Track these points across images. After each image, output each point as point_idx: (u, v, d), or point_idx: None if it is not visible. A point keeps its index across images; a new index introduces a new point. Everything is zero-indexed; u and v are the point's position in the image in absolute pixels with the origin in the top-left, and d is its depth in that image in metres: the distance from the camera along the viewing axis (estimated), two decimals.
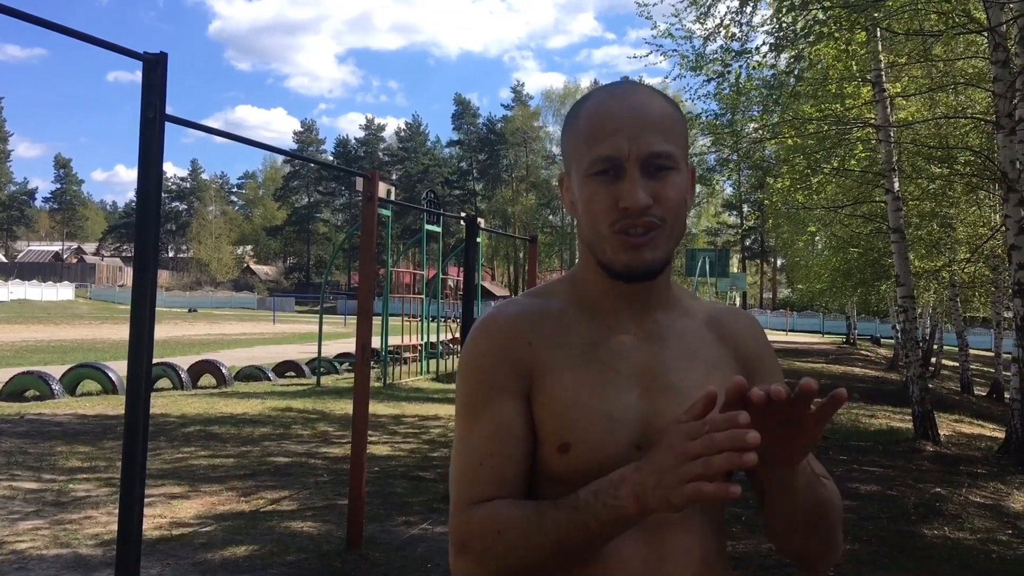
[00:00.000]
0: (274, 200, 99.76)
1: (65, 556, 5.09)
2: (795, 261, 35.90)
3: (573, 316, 1.23)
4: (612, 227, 1.15)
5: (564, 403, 1.17)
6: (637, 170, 1.14)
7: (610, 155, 1.14)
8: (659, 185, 1.15)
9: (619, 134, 1.14)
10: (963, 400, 18.23)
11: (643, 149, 1.14)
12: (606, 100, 1.19)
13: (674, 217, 1.17)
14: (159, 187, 3.53)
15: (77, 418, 10.37)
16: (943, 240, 16.87)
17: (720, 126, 12.71)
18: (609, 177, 1.15)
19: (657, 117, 1.16)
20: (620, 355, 1.20)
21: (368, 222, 5.23)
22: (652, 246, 1.15)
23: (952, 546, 5.90)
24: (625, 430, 1.16)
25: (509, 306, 1.27)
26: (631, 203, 1.13)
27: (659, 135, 1.15)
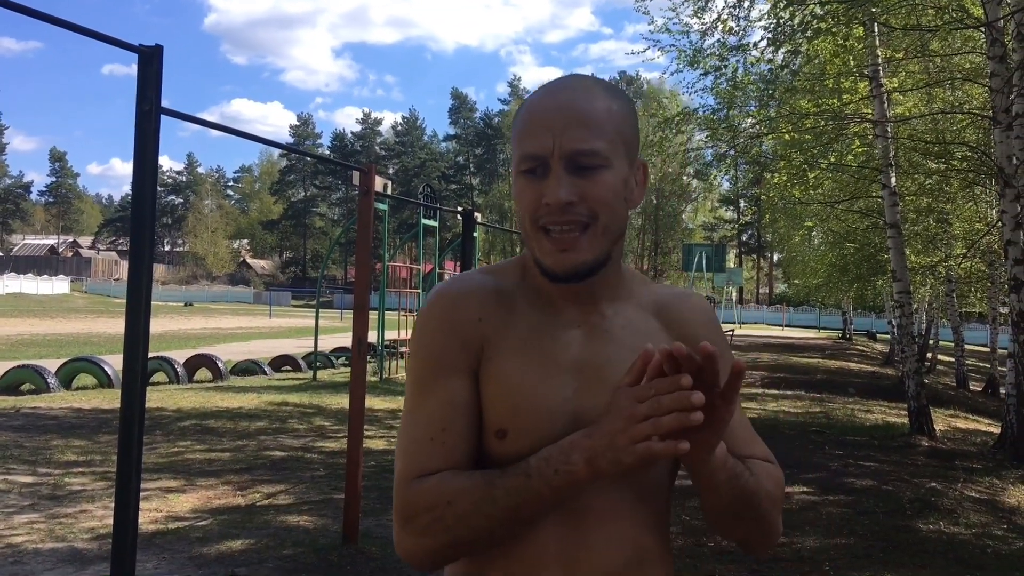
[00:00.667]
0: (270, 194, 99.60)
1: (61, 550, 5.08)
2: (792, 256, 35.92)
3: (521, 300, 1.24)
4: (536, 224, 1.15)
5: (505, 389, 1.18)
6: (562, 167, 1.13)
7: (535, 153, 1.14)
8: (586, 183, 1.13)
9: (545, 132, 1.14)
10: (959, 395, 18.27)
11: (567, 147, 1.13)
12: (541, 97, 1.18)
13: (605, 214, 1.15)
14: (155, 180, 3.52)
15: (73, 412, 10.35)
16: (939, 235, 16.89)
17: (717, 121, 12.70)
18: (536, 175, 1.15)
19: (588, 113, 1.14)
20: (562, 347, 1.20)
21: (364, 216, 5.22)
22: (577, 248, 1.14)
23: (947, 541, 5.91)
24: (560, 423, 1.16)
25: (461, 281, 1.27)
26: (552, 200, 1.12)
27: (587, 131, 1.13)
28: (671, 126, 12.20)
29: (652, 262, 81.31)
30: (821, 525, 6.18)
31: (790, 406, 13.36)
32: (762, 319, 61.89)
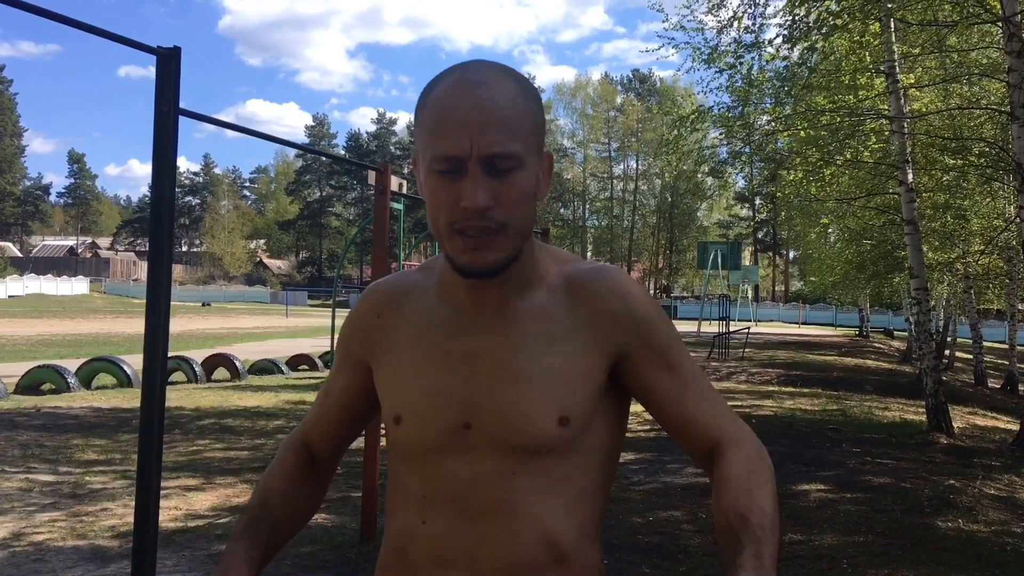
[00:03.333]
0: (286, 194, 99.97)
1: (82, 548, 5.14)
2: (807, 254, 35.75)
3: (432, 295, 1.28)
4: (451, 226, 1.14)
5: (396, 379, 1.26)
6: (479, 169, 1.11)
7: (451, 154, 1.11)
8: (501, 186, 1.12)
9: (461, 132, 1.10)
10: (977, 392, 18.15)
11: (485, 149, 1.10)
12: (453, 91, 1.13)
13: (517, 217, 1.14)
14: (173, 181, 3.55)
15: (93, 411, 10.45)
16: (957, 232, 16.77)
17: (732, 118, 12.66)
18: (450, 175, 1.12)
19: (504, 113, 1.12)
20: (455, 337, 1.23)
21: (380, 215, 5.25)
22: (491, 248, 1.14)
23: (966, 538, 5.88)
24: (450, 410, 1.20)
25: (391, 277, 1.37)
26: (470, 204, 1.11)
27: (504, 133, 1.11)
28: (686, 124, 12.18)
29: (667, 260, 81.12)
30: (839, 523, 6.16)
31: (807, 404, 13.31)
32: (778, 317, 61.61)
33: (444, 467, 1.20)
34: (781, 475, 7.70)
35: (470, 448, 1.19)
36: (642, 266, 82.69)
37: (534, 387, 1.19)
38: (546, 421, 1.18)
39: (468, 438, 1.19)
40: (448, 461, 1.20)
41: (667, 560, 5.20)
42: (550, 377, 1.19)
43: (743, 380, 17.56)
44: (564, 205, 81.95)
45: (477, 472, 1.19)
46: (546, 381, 1.19)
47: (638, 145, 78.69)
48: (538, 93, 1.23)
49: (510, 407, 1.18)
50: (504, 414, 1.19)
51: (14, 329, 28.95)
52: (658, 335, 1.24)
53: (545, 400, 1.18)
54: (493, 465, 1.18)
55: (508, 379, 1.20)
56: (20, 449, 8.01)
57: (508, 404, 1.19)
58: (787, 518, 6.28)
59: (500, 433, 1.18)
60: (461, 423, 1.20)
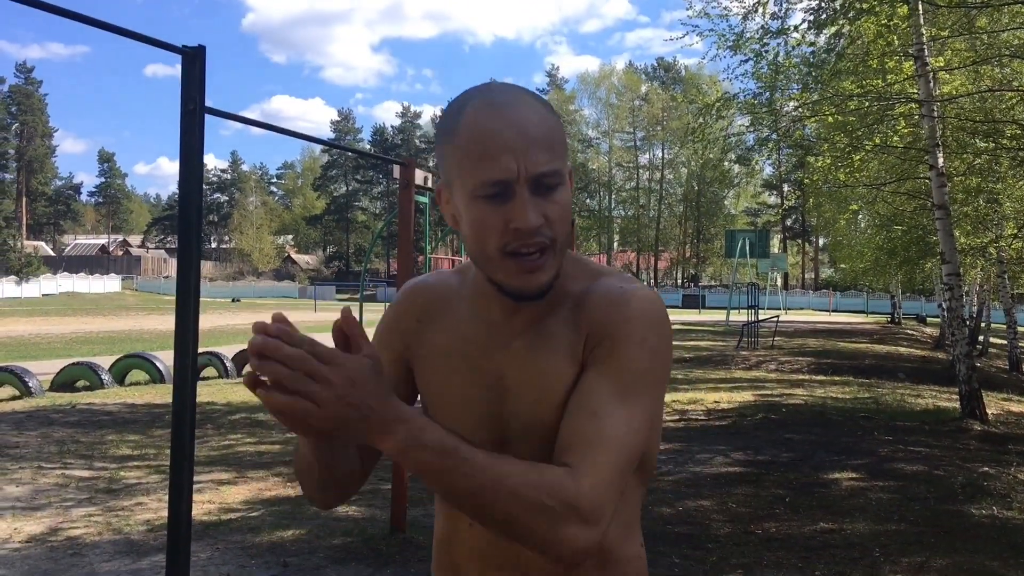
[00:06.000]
0: (313, 190, 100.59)
1: (118, 541, 5.22)
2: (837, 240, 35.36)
3: (465, 304, 1.28)
4: (502, 250, 1.13)
5: (429, 389, 1.29)
6: (527, 190, 1.12)
7: (500, 178, 1.11)
8: (547, 203, 1.13)
9: (506, 155, 1.11)
10: (1012, 378, 17.91)
11: (532, 170, 1.11)
12: (487, 115, 1.13)
13: (563, 232, 1.16)
14: (200, 178, 3.58)
15: (126, 407, 10.60)
16: (989, 216, 16.50)
17: (758, 105, 12.54)
18: (497, 199, 1.12)
19: (543, 132, 1.13)
20: (486, 355, 1.24)
21: (405, 209, 5.26)
22: (544, 269, 1.15)
23: (1000, 526, 5.81)
24: (483, 426, 1.23)
25: (427, 278, 1.36)
26: (523, 225, 1.11)
27: (547, 152, 1.12)
28: (711, 112, 12.09)
29: (695, 249, 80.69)
30: (870, 511, 6.11)
31: (838, 392, 13.19)
32: (808, 304, 61.11)
33: None
34: (812, 464, 7.66)
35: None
36: (669, 255, 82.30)
37: (546, 404, 1.20)
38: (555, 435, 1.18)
39: (507, 450, 1.19)
40: None
41: (697, 550, 5.19)
42: (560, 395, 1.20)
43: (773, 369, 17.45)
44: (590, 196, 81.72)
45: None
46: (556, 398, 1.20)
47: (663, 134, 78.26)
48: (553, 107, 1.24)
49: (545, 429, 1.19)
50: (540, 436, 1.19)
51: (49, 327, 29.40)
52: (617, 354, 1.18)
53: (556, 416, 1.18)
54: None
55: (539, 401, 1.20)
56: (56, 445, 8.14)
57: (543, 426, 1.19)
58: (818, 507, 6.25)
59: (537, 451, 1.17)
60: (497, 439, 1.22)
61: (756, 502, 6.32)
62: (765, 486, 6.82)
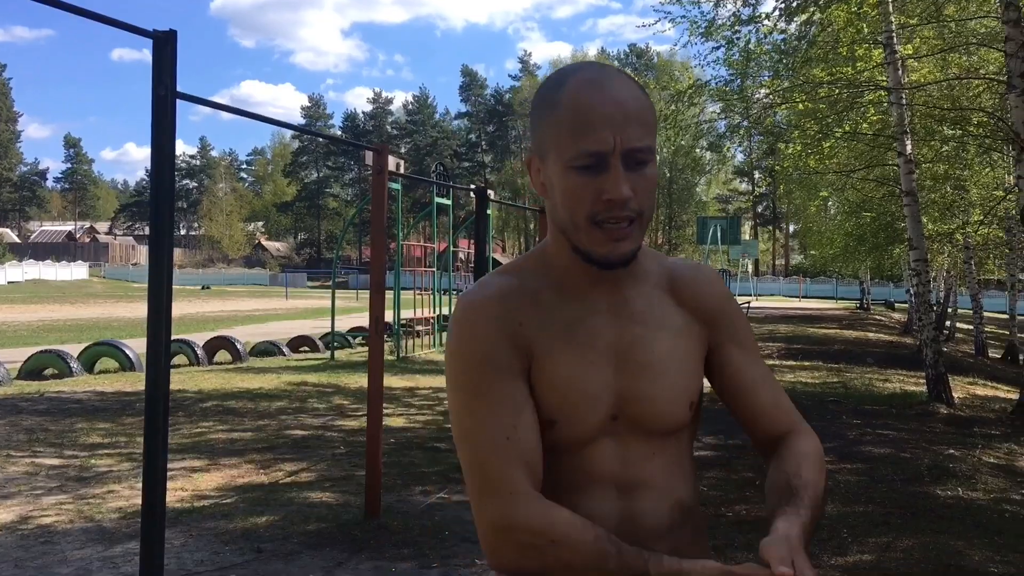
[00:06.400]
0: (284, 176, 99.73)
1: (90, 529, 5.19)
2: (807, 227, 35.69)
3: (548, 295, 1.29)
4: (592, 219, 1.19)
5: (552, 383, 1.25)
6: (620, 164, 1.17)
7: (596, 150, 1.17)
8: (638, 178, 1.19)
9: (605, 128, 1.16)
10: (977, 363, 18.20)
11: (627, 144, 1.17)
12: (589, 90, 1.19)
13: (650, 206, 1.22)
14: (172, 164, 3.56)
15: (96, 395, 10.49)
16: (956, 202, 16.75)
17: (730, 92, 12.62)
18: (592, 170, 1.18)
19: (639, 110, 1.19)
20: (595, 334, 1.28)
21: (378, 196, 5.25)
22: (629, 238, 1.21)
23: (965, 506, 5.94)
24: (603, 405, 1.27)
25: (487, 287, 1.30)
26: (616, 196, 1.17)
27: (642, 128, 1.19)
28: (683, 99, 12.14)
29: (666, 236, 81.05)
30: (839, 493, 6.21)
31: (808, 376, 13.36)
32: (778, 291, 61.69)
33: (593, 456, 1.28)
34: None
35: (616, 435, 1.28)
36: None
37: (671, 379, 1.29)
38: (682, 408, 1.31)
39: (614, 427, 1.28)
40: (597, 450, 1.28)
41: None
42: (680, 369, 1.31)
43: None
44: None
45: (622, 456, 1.29)
46: (678, 373, 1.30)
47: None
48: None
49: (654, 399, 1.28)
50: (648, 405, 1.28)
51: (15, 315, 28.99)
52: (743, 331, 1.38)
53: (681, 391, 1.30)
54: (636, 449, 1.29)
55: (649, 373, 1.28)
56: (25, 434, 8.06)
57: (652, 396, 1.28)
58: None
59: (644, 421, 1.28)
60: (610, 416, 1.28)
61: (727, 485, 6.40)
62: (736, 469, 6.90)
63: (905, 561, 4.79)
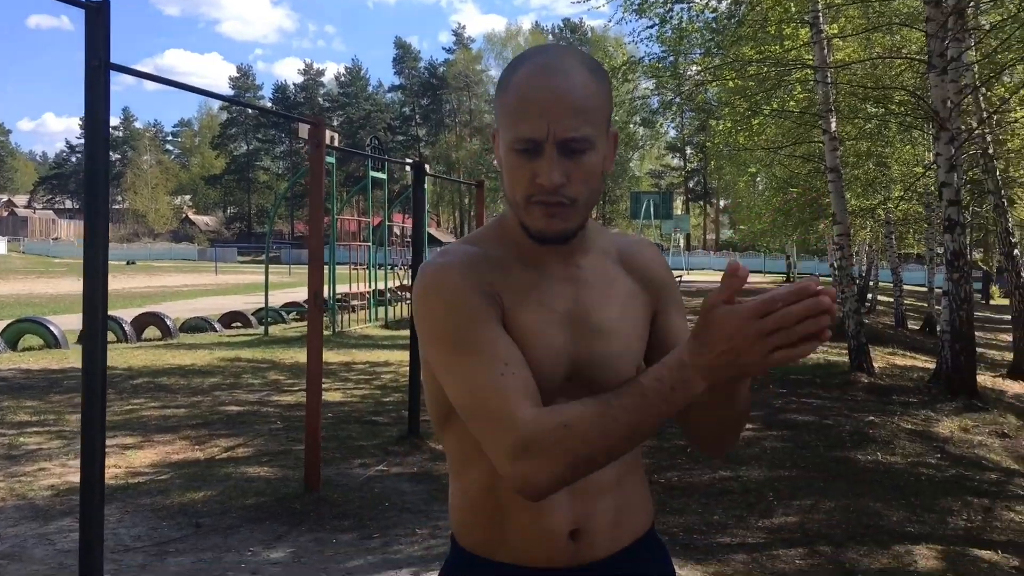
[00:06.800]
0: (211, 148, 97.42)
1: (22, 507, 5.12)
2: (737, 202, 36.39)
3: (510, 262, 1.36)
4: (528, 199, 1.27)
5: (521, 337, 1.30)
6: (555, 151, 1.23)
7: (530, 137, 1.24)
8: (573, 165, 1.25)
9: (541, 118, 1.22)
10: (897, 334, 18.86)
11: (560, 134, 1.23)
12: (534, 77, 1.25)
13: (586, 192, 1.28)
14: (107, 136, 3.52)
15: (21, 373, 10.24)
16: (878, 179, 17.28)
17: (663, 68, 12.78)
18: (529, 154, 1.25)
19: (578, 100, 1.24)
20: (554, 298, 1.35)
21: (317, 170, 5.23)
22: (562, 219, 1.28)
23: (884, 470, 6.22)
24: (560, 365, 1.33)
25: (452, 254, 1.35)
26: (546, 182, 1.24)
27: (578, 119, 1.23)
28: (617, 75, 12.26)
29: (601, 210, 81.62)
30: (765, 459, 6.45)
31: None
32: (709, 265, 62.75)
33: None
34: None
35: (570, 396, 1.27)
36: None
37: (623, 342, 1.38)
38: (630, 370, 1.37)
39: (569, 388, 1.32)
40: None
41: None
42: (630, 333, 1.39)
43: None
44: None
45: None
46: (629, 336, 1.39)
47: None
48: (607, 77, 1.34)
49: (606, 361, 1.36)
50: (601, 367, 1.35)
51: None
52: (676, 294, 1.50)
53: (631, 354, 1.39)
54: None
55: (603, 336, 1.36)
56: None
57: (605, 359, 1.36)
58: (717, 457, 6.55)
59: (597, 382, 1.32)
60: (565, 377, 1.34)
61: (659, 454, 6.57)
62: (667, 439, 7.08)
63: (827, 522, 5.03)
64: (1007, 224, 12.24)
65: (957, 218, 9.39)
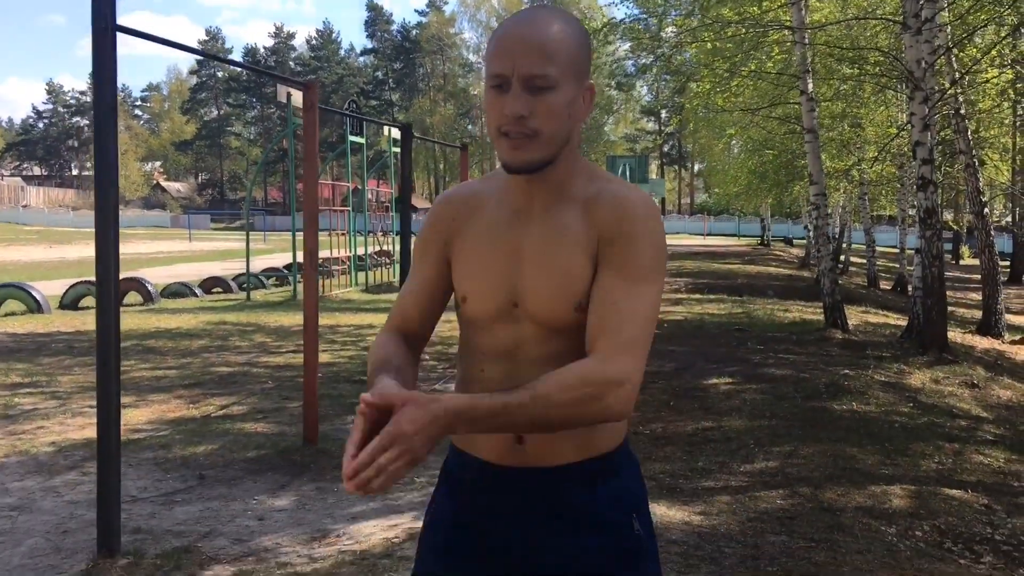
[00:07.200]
0: (182, 113, 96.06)
1: (26, 462, 5.24)
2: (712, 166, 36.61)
3: (491, 200, 1.58)
4: (499, 130, 1.44)
5: (464, 268, 1.59)
6: (520, 86, 1.41)
7: (499, 72, 1.42)
8: (536, 101, 1.41)
9: (508, 57, 1.41)
10: (870, 294, 19.24)
11: (523, 71, 1.40)
12: (508, 26, 1.45)
13: (549, 127, 1.43)
14: (115, 101, 3.62)
15: (8, 336, 10.28)
16: (853, 140, 17.54)
17: (641, 31, 12.86)
18: (500, 90, 1.43)
19: (543, 42, 1.41)
20: (510, 235, 1.55)
21: (310, 133, 5.32)
22: (526, 148, 1.44)
23: (859, 419, 6.48)
24: (502, 292, 1.54)
25: (462, 186, 1.67)
26: (510, 112, 1.41)
27: (541, 59, 1.40)
28: (597, 38, 12.33)
29: None
30: (745, 410, 6.69)
31: (714, 309, 13.97)
32: (684, 229, 63.13)
33: (498, 333, 1.55)
34: (693, 372, 8.23)
35: (517, 320, 1.54)
36: None
37: (556, 280, 1.51)
38: (565, 307, 1.51)
39: (515, 313, 1.54)
40: (501, 329, 1.55)
41: None
42: (567, 273, 1.51)
43: None
44: (472, 122, 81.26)
45: (521, 337, 1.54)
46: (564, 276, 1.51)
47: None
48: (586, 33, 1.52)
49: (543, 295, 1.52)
50: (539, 300, 1.52)
51: None
52: (631, 258, 1.47)
53: (568, 293, 1.51)
54: (532, 334, 1.53)
55: (540, 272, 1.52)
56: None
57: (542, 293, 1.52)
58: (699, 408, 6.79)
59: (536, 313, 1.52)
60: (511, 302, 1.54)
61: (644, 407, 6.79)
62: (651, 392, 7.31)
63: (806, 466, 5.27)
64: (977, 184, 12.53)
65: (930, 176, 9.63)
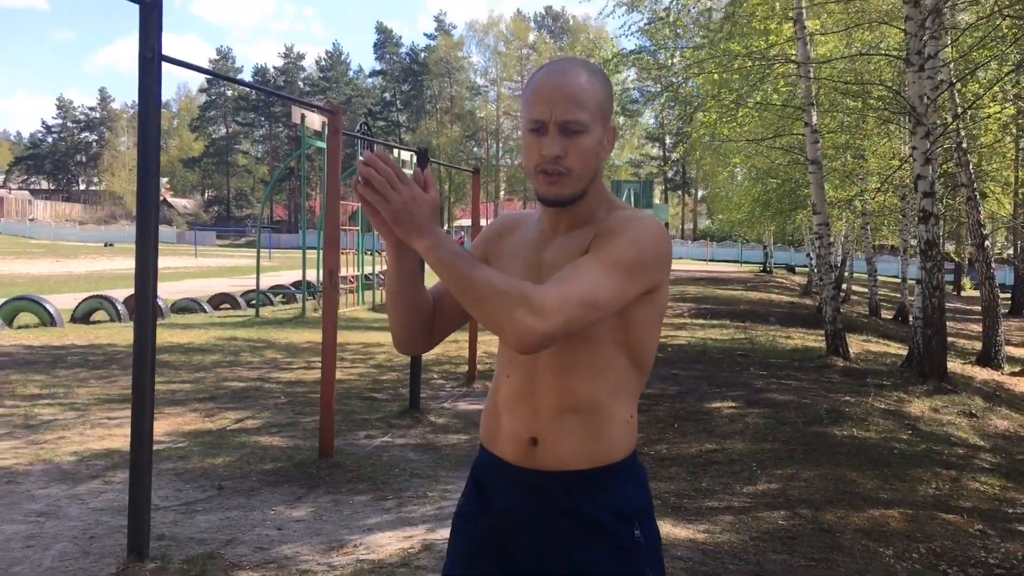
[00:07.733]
0: (190, 131, 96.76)
1: (50, 471, 5.39)
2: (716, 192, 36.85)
3: (530, 226, 1.82)
4: (536, 168, 1.65)
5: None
6: (556, 131, 1.62)
7: (538, 119, 1.63)
8: (570, 143, 1.63)
9: (545, 104, 1.62)
10: (871, 323, 19.39)
11: (559, 117, 1.62)
12: (545, 75, 1.66)
13: (581, 167, 1.64)
14: (158, 124, 3.81)
15: (24, 348, 10.45)
16: (856, 171, 17.77)
17: (647, 59, 13.12)
18: (538, 133, 1.64)
19: (575, 92, 1.62)
20: (533, 252, 1.76)
21: (334, 156, 5.52)
22: (561, 184, 1.65)
23: (859, 444, 6.63)
24: None
25: (513, 212, 1.95)
26: (548, 153, 1.62)
27: (574, 106, 1.62)
28: (607, 68, 12.59)
29: None
30: (748, 433, 6.84)
31: (717, 334, 14.14)
32: (687, 254, 63.38)
33: None
34: (696, 396, 8.39)
35: None
36: None
37: None
38: None
39: None
40: None
41: None
42: None
43: None
44: (478, 144, 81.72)
45: None
46: None
47: None
48: (608, 81, 1.73)
49: None
50: None
51: None
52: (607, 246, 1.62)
53: None
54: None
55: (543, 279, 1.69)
56: None
57: None
58: (703, 431, 6.95)
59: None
60: None
61: (649, 428, 6.96)
62: (656, 415, 7.48)
63: (807, 488, 5.42)
64: (979, 216, 12.73)
65: (931, 209, 9.82)
